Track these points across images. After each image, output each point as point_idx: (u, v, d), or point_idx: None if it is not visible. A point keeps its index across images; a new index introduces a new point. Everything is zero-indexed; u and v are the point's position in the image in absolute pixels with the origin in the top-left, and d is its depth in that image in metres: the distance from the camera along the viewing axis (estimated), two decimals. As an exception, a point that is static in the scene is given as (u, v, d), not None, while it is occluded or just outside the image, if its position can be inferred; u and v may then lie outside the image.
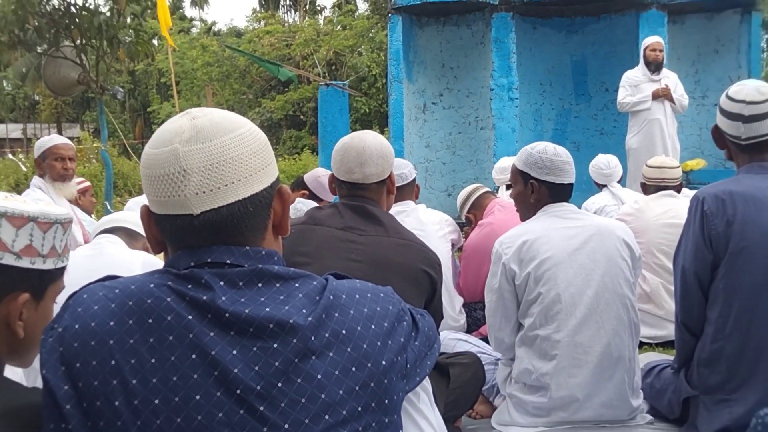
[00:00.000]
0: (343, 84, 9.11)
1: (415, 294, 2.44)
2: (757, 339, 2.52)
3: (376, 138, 2.53)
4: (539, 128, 9.60)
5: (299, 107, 24.20)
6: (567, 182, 2.97)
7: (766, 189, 2.56)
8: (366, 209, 2.47)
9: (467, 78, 9.33)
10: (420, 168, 9.30)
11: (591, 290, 2.79)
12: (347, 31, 25.31)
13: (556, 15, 9.33)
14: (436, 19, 9.24)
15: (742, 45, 9.20)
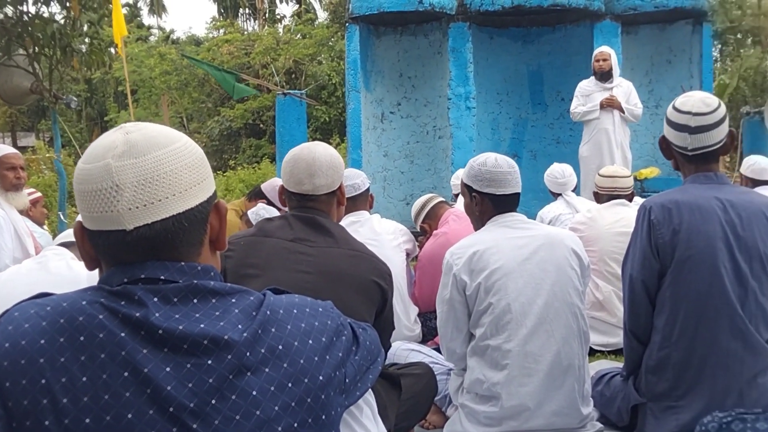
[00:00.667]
0: (300, 93, 9.07)
1: (366, 305, 2.44)
2: (703, 346, 2.56)
3: (326, 149, 2.53)
4: (496, 137, 9.66)
5: (259, 116, 24.06)
6: (509, 193, 2.98)
7: (711, 198, 2.61)
8: (316, 221, 2.47)
9: (425, 87, 9.36)
10: (378, 177, 9.31)
11: (541, 300, 2.81)
12: (307, 40, 25.26)
13: (513, 25, 9.41)
14: (393, 29, 9.27)
15: (694, 55, 9.38)
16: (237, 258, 2.42)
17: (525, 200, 8.70)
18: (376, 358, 1.58)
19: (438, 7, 8.57)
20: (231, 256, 2.42)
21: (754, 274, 2.55)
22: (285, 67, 24.21)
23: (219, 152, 25.73)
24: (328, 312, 1.37)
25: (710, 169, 2.69)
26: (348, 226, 4.09)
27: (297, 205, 2.52)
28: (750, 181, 5.44)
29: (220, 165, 24.19)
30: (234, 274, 2.38)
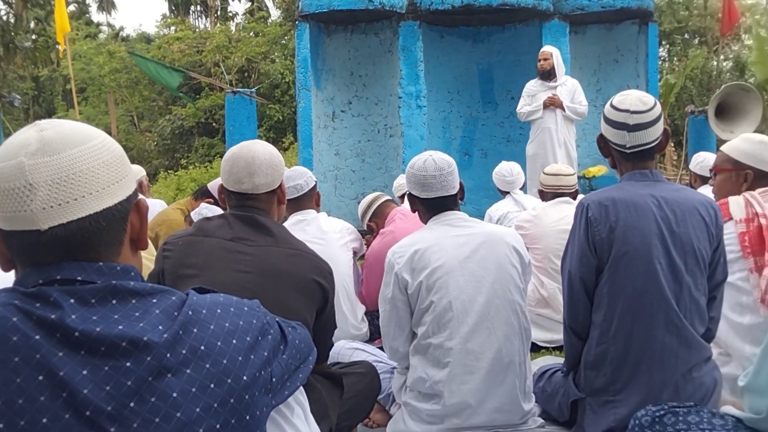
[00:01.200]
0: (250, 91, 9.00)
1: (306, 304, 2.43)
2: (639, 341, 2.59)
3: (265, 147, 2.52)
4: (447, 135, 9.71)
5: (211, 114, 23.83)
6: (433, 197, 2.97)
7: (646, 196, 2.65)
8: (256, 219, 2.45)
9: (376, 86, 9.37)
10: (329, 176, 9.29)
11: (482, 297, 2.83)
12: (259, 38, 25.07)
13: (463, 24, 9.47)
14: (343, 27, 9.25)
15: (640, 55, 9.53)
16: (175, 258, 2.39)
17: (476, 198, 8.82)
18: (306, 356, 1.57)
19: (388, 6, 8.58)
20: (169, 256, 2.40)
21: (689, 269, 2.60)
22: (237, 65, 24.02)
23: (171, 151, 25.44)
24: (254, 311, 1.36)
25: (646, 166, 2.73)
26: (294, 224, 4.10)
27: (236, 204, 2.50)
28: (699, 178, 5.53)
29: (171, 164, 23.93)
30: (172, 274, 2.36)
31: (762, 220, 2.94)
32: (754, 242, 2.95)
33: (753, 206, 3.00)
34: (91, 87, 25.96)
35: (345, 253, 4.26)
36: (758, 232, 2.94)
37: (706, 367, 2.66)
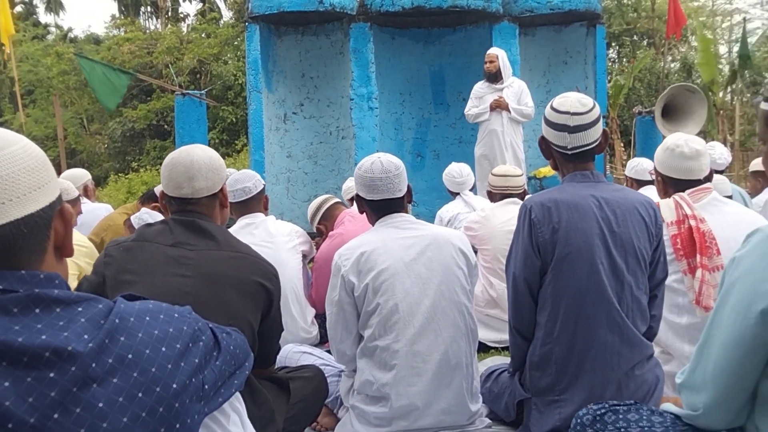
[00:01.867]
0: (200, 94, 8.91)
1: (250, 307, 2.41)
2: (582, 341, 2.62)
3: (204, 151, 2.49)
4: (400, 137, 9.73)
5: (163, 116, 23.59)
6: (378, 199, 2.97)
7: (588, 197, 2.68)
8: (197, 224, 2.42)
9: (327, 88, 9.34)
10: (282, 178, 9.25)
11: (428, 299, 2.83)
12: (211, 39, 24.88)
13: (414, 26, 9.49)
14: (294, 29, 9.21)
15: (588, 56, 9.65)
16: (115, 265, 2.36)
17: (428, 199, 8.85)
18: (242, 363, 1.56)
19: (339, 8, 8.57)
20: (109, 263, 2.37)
21: (630, 269, 2.64)
22: (189, 66, 23.81)
23: (121, 154, 25.14)
24: (185, 317, 1.34)
25: (587, 167, 2.76)
26: (242, 228, 4.08)
27: (177, 209, 2.47)
28: (635, 182, 5.68)
29: (122, 167, 23.63)
30: (113, 280, 2.32)
31: (692, 222, 3.00)
32: (685, 244, 3.01)
33: (682, 208, 3.06)
34: (39, 89, 25.52)
35: (294, 256, 4.25)
36: (689, 234, 3.00)
37: (648, 364, 2.70)
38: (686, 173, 3.20)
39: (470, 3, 8.62)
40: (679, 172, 3.23)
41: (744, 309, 1.62)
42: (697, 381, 1.78)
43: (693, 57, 22.54)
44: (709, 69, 16.37)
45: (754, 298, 1.60)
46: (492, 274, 4.46)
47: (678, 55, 28.31)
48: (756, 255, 1.63)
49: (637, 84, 22.88)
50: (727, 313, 1.68)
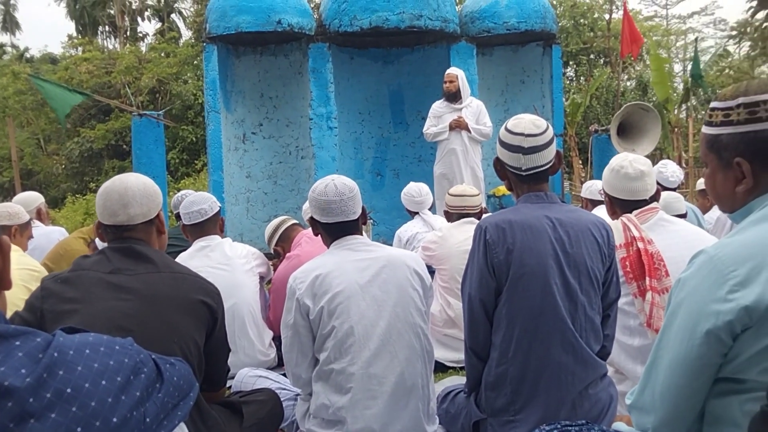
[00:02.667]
0: (158, 114, 8.82)
1: (194, 325, 2.40)
2: (537, 361, 2.64)
3: (138, 179, 2.50)
4: (359, 156, 9.74)
5: (122, 136, 23.37)
6: (337, 221, 2.97)
7: (542, 217, 2.70)
8: (134, 249, 2.42)
9: (286, 107, 9.33)
10: (241, 198, 9.20)
11: (383, 321, 2.83)
12: (171, 59, 24.76)
13: (372, 46, 9.53)
14: (253, 49, 9.20)
15: (545, 76, 9.78)
16: (54, 297, 2.33)
17: (389, 218, 8.85)
18: (186, 393, 1.53)
19: (297, 28, 8.58)
20: (47, 296, 2.34)
21: (583, 289, 2.66)
22: (148, 86, 23.64)
23: (79, 174, 24.84)
24: (126, 349, 1.32)
25: (541, 188, 2.78)
26: (198, 251, 4.05)
27: (113, 237, 2.47)
28: (590, 203, 5.79)
29: (80, 188, 23.34)
30: (52, 313, 2.29)
31: (639, 244, 3.04)
32: (634, 267, 3.04)
33: (630, 230, 3.10)
34: (-6, 109, 25.16)
35: (251, 278, 4.22)
36: (637, 257, 3.04)
37: (602, 383, 2.73)
38: (631, 194, 3.24)
39: (428, 23, 8.68)
40: (624, 193, 3.27)
41: (689, 330, 1.64)
42: (646, 402, 1.80)
43: (648, 75, 22.94)
44: (663, 88, 16.65)
45: (699, 318, 1.62)
46: (449, 294, 4.47)
47: (634, 73, 28.82)
48: (700, 276, 1.65)
49: (594, 102, 23.25)
50: (673, 335, 1.70)
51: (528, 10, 9.15)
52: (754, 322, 1.55)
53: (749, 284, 1.55)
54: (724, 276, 1.59)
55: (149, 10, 34.89)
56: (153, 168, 8.13)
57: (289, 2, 8.60)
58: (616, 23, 19.63)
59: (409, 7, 8.55)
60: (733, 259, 1.60)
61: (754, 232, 1.65)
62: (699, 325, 1.62)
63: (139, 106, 18.42)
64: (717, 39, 31.03)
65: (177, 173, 23.18)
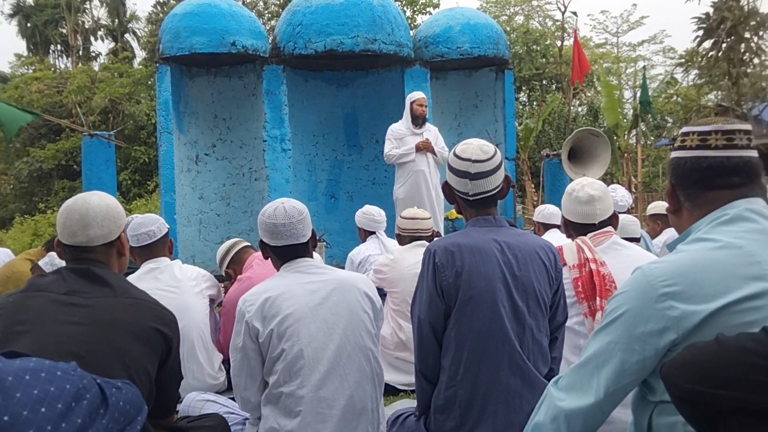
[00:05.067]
0: (108, 134, 8.73)
1: (147, 353, 2.35)
2: (485, 384, 2.65)
3: (101, 199, 2.44)
4: (313, 178, 9.74)
5: (72, 156, 23.02)
6: (287, 244, 2.97)
7: (490, 241, 2.72)
8: (91, 271, 2.36)
9: (240, 129, 9.31)
10: (194, 220, 9.12)
11: (333, 344, 2.82)
12: (124, 79, 24.53)
13: (327, 69, 9.57)
14: (206, 70, 9.17)
15: (498, 100, 9.91)
16: (5, 317, 2.27)
17: (342, 240, 8.84)
18: (134, 417, 1.52)
19: (251, 50, 8.58)
20: (0, 315, 2.28)
21: (531, 311, 2.68)
22: (100, 106, 23.38)
23: (28, 195, 24.40)
24: (68, 375, 1.30)
25: (489, 212, 2.81)
26: (147, 273, 4.00)
27: (72, 257, 2.42)
28: (542, 226, 5.88)
29: (29, 208, 22.93)
30: (3, 333, 2.24)
31: (592, 266, 3.10)
32: (586, 287, 3.10)
33: (584, 251, 3.16)
34: (-60, 128, 24.57)
35: (200, 301, 4.18)
36: (590, 278, 3.10)
37: (549, 406, 2.74)
38: (583, 217, 3.31)
39: (382, 47, 8.75)
40: (577, 216, 3.34)
41: (625, 336, 1.71)
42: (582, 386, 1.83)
43: (599, 101, 23.38)
44: (613, 114, 16.98)
45: (636, 324, 1.69)
46: (401, 317, 4.48)
47: (585, 99, 29.35)
48: (634, 289, 1.73)
49: (547, 127, 23.59)
50: (606, 342, 1.76)
51: (481, 36, 9.28)
52: (681, 338, 1.61)
53: (677, 298, 1.63)
54: (655, 288, 1.66)
55: (102, 30, 34.59)
56: (103, 189, 7.89)
57: (243, 24, 8.61)
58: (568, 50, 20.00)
59: (363, 31, 8.61)
60: (664, 273, 1.68)
61: (686, 253, 1.74)
62: (631, 332, 1.69)
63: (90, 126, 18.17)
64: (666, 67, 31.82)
65: (129, 194, 22.91)
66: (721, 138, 1.78)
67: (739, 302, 1.59)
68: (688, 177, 1.82)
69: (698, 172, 1.80)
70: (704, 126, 1.81)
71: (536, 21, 32.80)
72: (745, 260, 1.64)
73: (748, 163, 1.79)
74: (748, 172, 1.79)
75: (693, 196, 1.83)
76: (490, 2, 33.33)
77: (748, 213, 1.73)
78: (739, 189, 1.77)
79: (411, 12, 26.32)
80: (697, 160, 1.80)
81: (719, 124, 1.80)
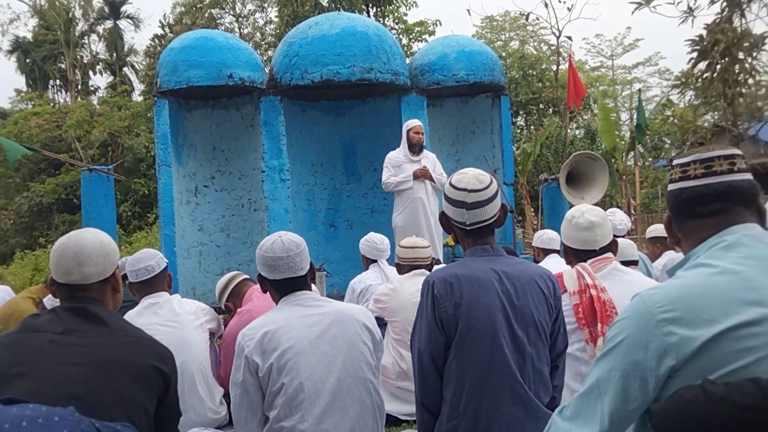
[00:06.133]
0: (107, 168, 8.76)
1: (146, 392, 2.33)
2: (487, 415, 2.63)
3: (95, 236, 2.43)
4: (312, 208, 9.75)
5: (72, 191, 23.08)
6: (285, 278, 2.98)
7: (488, 271, 2.72)
8: (87, 310, 2.35)
9: (238, 160, 9.34)
10: (193, 252, 9.12)
11: (333, 377, 2.82)
12: (122, 112, 24.65)
13: (324, 98, 9.62)
14: (204, 103, 9.21)
15: (495, 126, 9.95)
16: (1, 359, 2.26)
17: (343, 269, 8.83)
18: None
19: (248, 82, 8.63)
20: None
21: (531, 341, 2.67)
22: (99, 139, 23.46)
23: (29, 229, 24.42)
24: (66, 420, 1.29)
25: (487, 242, 2.81)
26: (146, 308, 4.00)
27: (67, 296, 2.40)
28: (541, 251, 5.87)
29: (29, 243, 22.93)
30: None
31: (593, 291, 3.10)
32: (587, 313, 3.09)
33: (584, 278, 3.16)
34: (-59, 164, 24.70)
35: (200, 335, 4.17)
36: (590, 304, 3.10)
37: (552, 435, 2.72)
38: (583, 243, 3.32)
39: (378, 76, 8.80)
40: (576, 243, 3.35)
41: (625, 363, 1.69)
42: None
43: (596, 124, 23.47)
44: (610, 136, 17.03)
45: (634, 351, 1.68)
46: (402, 347, 4.46)
47: (582, 122, 29.46)
48: (633, 316, 1.72)
49: (545, 150, 23.66)
50: (608, 369, 1.74)
51: (476, 62, 9.34)
52: (680, 364, 1.60)
53: (677, 323, 1.62)
54: (654, 314, 1.65)
55: (101, 64, 34.81)
56: (103, 223, 8.02)
57: (240, 57, 8.67)
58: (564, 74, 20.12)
59: (359, 61, 8.67)
60: (663, 299, 1.67)
61: (684, 279, 1.73)
62: (631, 358, 1.67)
63: (89, 159, 18.22)
64: (662, 88, 31.98)
65: (129, 226, 22.93)
66: (699, 167, 1.80)
67: (738, 328, 1.59)
68: (675, 209, 1.87)
69: (681, 203, 1.84)
70: (685, 158, 1.84)
71: (531, 46, 33.04)
72: (744, 285, 1.64)
73: (729, 188, 1.79)
74: (730, 196, 1.79)
75: (682, 227, 1.86)
76: (486, 28, 33.59)
77: (746, 239, 1.74)
78: (723, 215, 1.78)
79: (407, 40, 26.51)
80: (680, 192, 1.84)
81: (698, 154, 1.82)
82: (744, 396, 1.43)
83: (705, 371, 1.56)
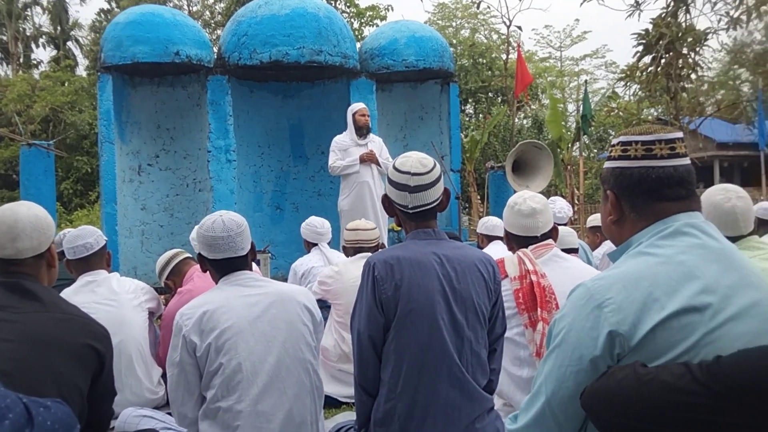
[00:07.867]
0: (48, 144, 8.55)
1: (79, 370, 2.29)
2: (425, 396, 2.65)
3: (30, 210, 2.37)
4: (258, 189, 9.67)
5: (12, 166, 22.50)
6: (225, 257, 2.95)
7: (429, 254, 2.73)
8: (21, 285, 2.30)
9: (184, 139, 9.21)
10: (136, 231, 8.99)
11: (272, 357, 2.81)
12: (66, 87, 24.09)
13: (273, 79, 9.53)
14: (149, 80, 9.05)
15: (443, 113, 10.00)
16: None
17: (288, 252, 8.80)
18: None
19: (195, 60, 8.51)
20: None
21: (470, 324, 2.69)
22: (41, 115, 22.92)
23: (-36, 205, 23.72)
24: None
25: (429, 225, 2.82)
26: (84, 286, 3.93)
27: (0, 271, 2.34)
28: (486, 238, 5.91)
29: (-35, 219, 22.27)
30: None
31: (533, 277, 3.14)
32: (527, 299, 3.14)
33: (525, 264, 3.20)
34: None
35: (139, 314, 4.12)
36: (530, 289, 3.14)
37: (488, 417, 2.75)
38: (524, 230, 3.36)
39: (328, 59, 8.75)
40: (519, 229, 3.39)
41: (573, 359, 1.68)
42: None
43: (543, 114, 23.72)
44: (556, 126, 17.25)
45: (580, 346, 1.67)
46: (344, 329, 4.46)
47: (530, 112, 29.76)
48: (578, 307, 1.71)
49: (493, 139, 23.84)
50: (557, 366, 1.74)
51: (426, 48, 9.37)
52: (627, 352, 1.61)
53: (623, 312, 1.61)
54: (600, 304, 1.65)
55: (44, 37, 33.93)
56: (42, 199, 7.83)
57: (187, 34, 8.54)
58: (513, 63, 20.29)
59: (309, 43, 8.62)
60: (608, 289, 1.66)
61: (628, 266, 1.72)
62: (580, 352, 1.67)
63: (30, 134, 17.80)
64: (608, 81, 32.45)
65: (71, 204, 22.48)
66: (665, 147, 1.77)
67: (680, 315, 1.60)
68: (636, 187, 1.80)
69: (647, 183, 1.78)
70: (646, 135, 1.80)
71: (482, 34, 33.21)
72: (687, 275, 1.65)
73: (690, 173, 1.79)
74: (691, 183, 1.79)
75: (640, 207, 1.80)
76: (437, 15, 33.65)
77: (688, 228, 1.74)
78: (685, 201, 1.77)
79: (358, 24, 26.41)
80: (645, 171, 1.78)
81: (660, 134, 1.79)
82: (671, 376, 1.45)
83: (648, 359, 1.57)
